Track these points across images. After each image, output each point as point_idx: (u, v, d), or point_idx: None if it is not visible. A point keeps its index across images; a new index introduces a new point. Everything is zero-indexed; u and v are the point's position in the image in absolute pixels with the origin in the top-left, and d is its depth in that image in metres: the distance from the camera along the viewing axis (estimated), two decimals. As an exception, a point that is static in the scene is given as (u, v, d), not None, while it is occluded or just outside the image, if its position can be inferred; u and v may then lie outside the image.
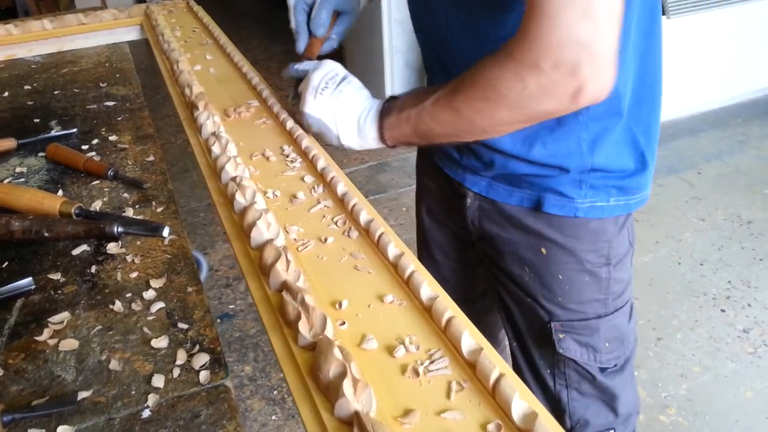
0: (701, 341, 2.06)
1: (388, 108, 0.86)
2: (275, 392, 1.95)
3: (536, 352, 1.00)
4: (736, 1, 3.16)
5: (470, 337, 0.57)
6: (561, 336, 0.96)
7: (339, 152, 3.33)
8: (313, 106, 0.89)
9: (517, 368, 1.04)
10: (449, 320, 0.59)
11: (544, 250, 0.93)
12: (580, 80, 0.66)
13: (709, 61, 3.27)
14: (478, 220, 0.99)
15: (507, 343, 1.10)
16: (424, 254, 1.22)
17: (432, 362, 0.57)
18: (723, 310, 2.18)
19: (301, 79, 0.96)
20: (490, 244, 1.00)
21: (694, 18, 3.10)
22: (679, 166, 3.03)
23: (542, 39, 0.65)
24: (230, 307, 2.29)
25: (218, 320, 2.22)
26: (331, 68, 0.91)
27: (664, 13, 3.02)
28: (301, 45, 1.02)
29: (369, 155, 3.29)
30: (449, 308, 0.60)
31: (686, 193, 2.83)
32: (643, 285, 2.30)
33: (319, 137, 0.94)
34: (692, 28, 3.12)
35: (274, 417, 1.87)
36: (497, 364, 0.54)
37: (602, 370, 0.98)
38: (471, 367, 0.55)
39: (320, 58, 0.99)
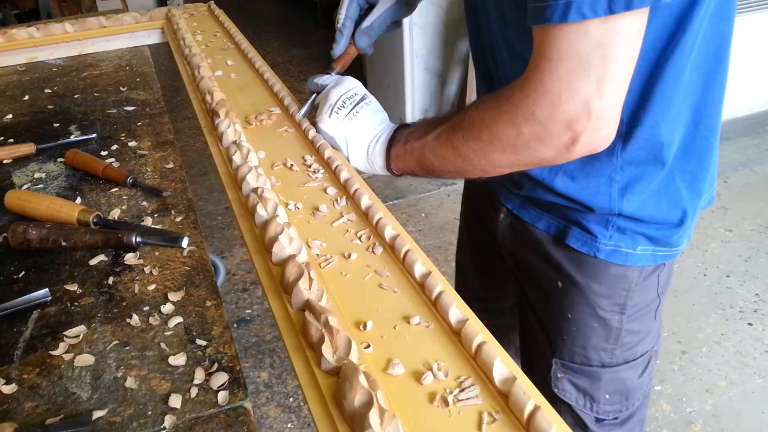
0: (727, 355, 2.00)
1: (397, 137, 0.85)
2: (291, 399, 1.93)
3: (538, 385, 0.96)
4: (763, 6, 3.09)
5: (503, 365, 0.54)
6: (559, 375, 0.92)
7: (358, 156, 3.32)
8: (327, 124, 0.89)
9: None
10: (480, 346, 0.56)
11: (560, 284, 0.89)
12: (576, 132, 0.64)
13: (736, 67, 3.20)
14: (508, 237, 0.97)
15: None
16: (463, 262, 1.20)
17: (462, 391, 0.54)
18: (750, 324, 2.12)
19: (319, 91, 0.95)
20: (516, 264, 0.98)
21: (721, 23, 3.03)
22: (705, 175, 2.97)
23: (541, 88, 0.63)
24: (247, 312, 2.28)
25: (235, 325, 2.21)
26: (351, 87, 0.90)
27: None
28: (338, 50, 0.98)
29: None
30: (480, 333, 0.57)
31: (712, 203, 2.77)
32: (668, 296, 2.22)
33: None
34: (719, 34, 3.06)
35: (289, 425, 1.85)
36: (532, 395, 0.51)
37: (598, 420, 0.93)
38: (503, 397, 0.53)
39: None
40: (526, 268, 0.94)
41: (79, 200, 0.94)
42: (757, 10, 3.08)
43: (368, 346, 0.59)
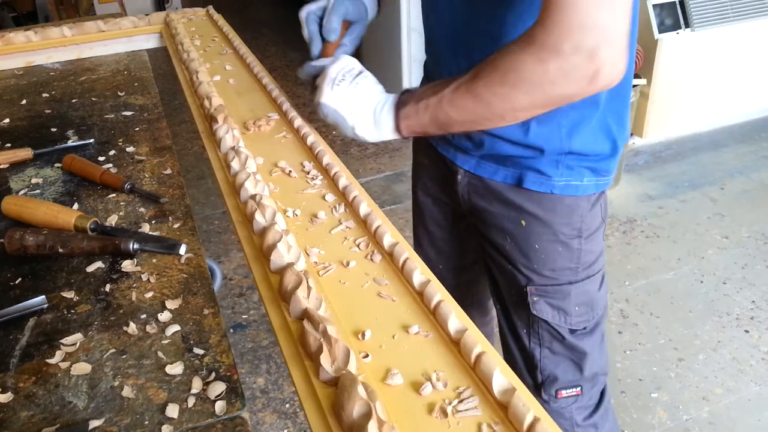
0: (724, 363, 2.00)
1: (405, 99, 0.89)
2: (287, 405, 1.92)
3: (515, 314, 1.09)
4: (760, 13, 3.11)
5: (502, 375, 0.53)
6: (535, 299, 1.04)
7: (355, 161, 3.32)
8: (329, 96, 0.91)
9: (500, 330, 1.15)
10: (479, 356, 0.56)
11: (523, 222, 1.01)
12: (598, 64, 0.70)
13: (732, 74, 3.22)
14: (467, 194, 1.07)
15: (495, 313, 1.20)
16: (420, 226, 1.30)
17: (461, 401, 0.54)
18: (747, 331, 2.12)
19: (318, 75, 0.98)
20: (478, 217, 1.08)
21: (717, 31, 3.04)
22: (702, 182, 2.98)
23: (563, 24, 0.69)
24: (243, 317, 2.27)
25: (231, 330, 2.20)
26: (348, 62, 0.95)
27: (688, 26, 2.97)
28: (316, 49, 1.04)
29: (385, 165, 3.27)
30: (479, 343, 0.57)
31: (709, 209, 2.77)
32: (664, 303, 2.25)
33: (335, 128, 0.95)
34: (716, 41, 3.07)
35: (285, 431, 1.84)
36: (531, 406, 0.51)
37: (572, 331, 1.05)
38: (503, 408, 0.52)
39: None
40: (488, 217, 1.06)
41: (76, 206, 0.94)
42: (752, 17, 3.09)
43: (367, 356, 0.59)
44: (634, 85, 2.74)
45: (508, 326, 1.12)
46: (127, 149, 1.10)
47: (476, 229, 1.12)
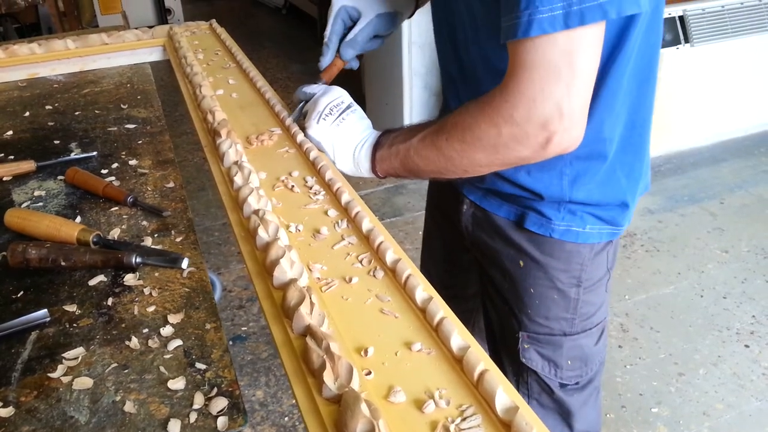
0: (724, 378, 2.00)
1: (381, 142, 0.92)
2: (286, 419, 1.91)
3: (505, 359, 1.07)
4: (759, 29, 3.13)
5: (505, 394, 0.53)
6: (526, 346, 1.01)
7: (355, 173, 3.32)
8: (315, 129, 0.96)
9: None
10: (482, 374, 0.56)
11: (521, 263, 0.99)
12: (549, 133, 0.72)
13: (732, 88, 3.24)
14: (470, 225, 1.06)
15: None
16: (426, 251, 1.31)
17: (464, 420, 0.54)
18: (747, 346, 2.12)
19: (307, 99, 1.02)
20: (479, 250, 1.07)
21: (717, 46, 3.07)
22: (701, 196, 2.98)
23: (517, 95, 0.71)
24: (243, 329, 2.26)
25: (230, 342, 2.19)
26: (338, 96, 0.97)
27: (687, 41, 2.99)
28: (325, 62, 1.05)
29: (385, 178, 3.27)
30: (482, 360, 0.57)
31: (708, 224, 2.78)
32: (664, 317, 2.25)
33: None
34: (715, 56, 3.09)
35: (284, 444, 1.83)
36: (534, 425, 0.51)
37: (562, 385, 1.03)
38: (505, 426, 0.52)
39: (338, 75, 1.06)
40: (489, 252, 1.04)
41: (78, 219, 0.94)
42: (750, 33, 3.11)
43: (369, 373, 0.59)
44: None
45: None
46: (130, 162, 1.10)
47: (478, 263, 1.10)
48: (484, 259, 1.06)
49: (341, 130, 0.95)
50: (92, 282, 0.80)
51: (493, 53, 0.86)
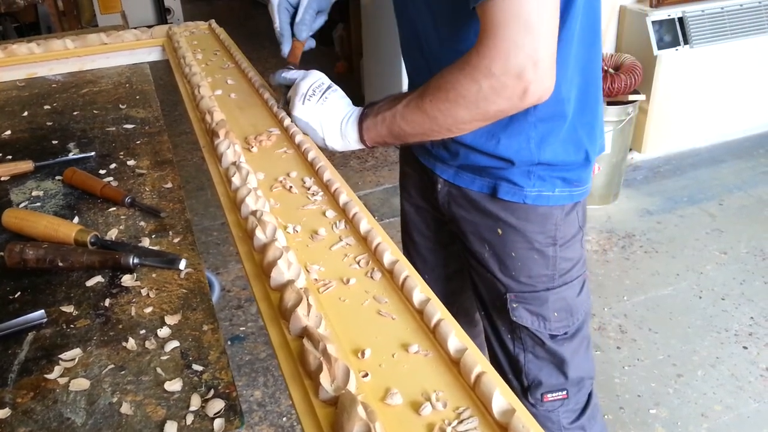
0: (723, 379, 2.00)
1: (367, 112, 0.97)
2: (284, 419, 1.91)
3: (498, 320, 1.13)
4: (758, 31, 3.13)
5: (502, 396, 0.53)
6: (515, 306, 1.08)
7: (355, 174, 3.32)
8: (301, 111, 1.01)
9: (486, 335, 1.18)
10: (479, 376, 0.56)
11: (500, 231, 1.06)
12: (525, 82, 0.78)
13: (731, 90, 3.24)
14: (447, 203, 1.12)
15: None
16: (406, 236, 1.35)
17: (460, 422, 0.53)
18: (745, 347, 2.12)
19: (289, 86, 1.06)
20: (458, 225, 1.13)
21: (716, 47, 3.07)
22: (700, 197, 2.98)
23: (493, 49, 0.78)
24: (241, 329, 2.26)
25: (228, 342, 2.19)
26: (318, 78, 1.03)
27: (686, 43, 2.99)
28: (286, 49, 1.14)
29: (384, 178, 3.27)
30: (479, 363, 0.57)
31: (707, 225, 2.78)
32: (663, 318, 2.25)
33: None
34: (714, 58, 3.09)
35: (282, 445, 1.83)
36: (531, 427, 0.50)
37: (552, 336, 1.09)
38: (502, 429, 0.52)
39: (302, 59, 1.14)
40: (468, 225, 1.10)
41: (76, 219, 0.94)
42: (750, 35, 3.12)
43: (366, 375, 0.59)
44: (633, 101, 2.75)
45: (492, 332, 1.15)
46: (128, 162, 1.10)
47: (457, 237, 1.16)
48: (463, 233, 1.12)
49: (326, 107, 1.00)
50: (89, 283, 0.80)
51: (453, 36, 0.93)
